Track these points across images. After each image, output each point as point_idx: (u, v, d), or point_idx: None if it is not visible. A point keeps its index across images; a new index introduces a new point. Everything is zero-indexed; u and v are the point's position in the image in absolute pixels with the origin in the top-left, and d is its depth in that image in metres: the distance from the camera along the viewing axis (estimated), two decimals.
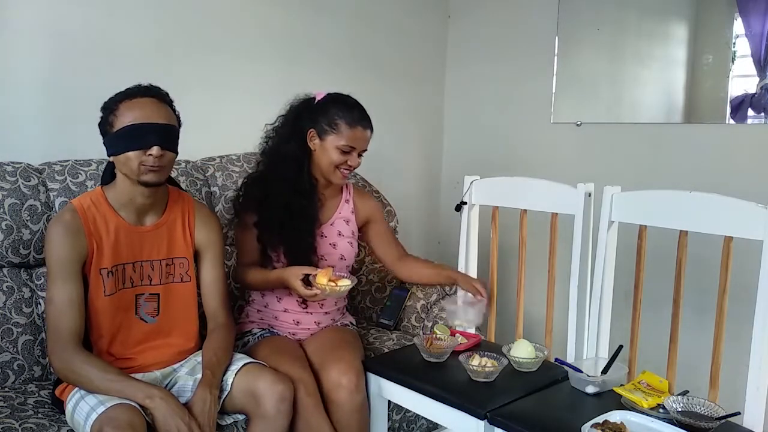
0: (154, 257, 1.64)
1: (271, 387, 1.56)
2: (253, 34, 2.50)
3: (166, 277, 1.66)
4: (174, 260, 1.67)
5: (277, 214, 1.84)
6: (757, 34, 2.25)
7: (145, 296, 1.64)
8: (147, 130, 1.51)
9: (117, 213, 1.58)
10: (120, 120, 1.51)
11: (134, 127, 1.50)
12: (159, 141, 1.51)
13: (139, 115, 1.51)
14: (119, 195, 1.58)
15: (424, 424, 2.14)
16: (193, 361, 1.67)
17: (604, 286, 1.74)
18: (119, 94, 1.56)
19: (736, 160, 2.27)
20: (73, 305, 1.51)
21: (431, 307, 2.25)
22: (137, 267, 1.62)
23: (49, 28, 2.03)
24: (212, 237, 1.73)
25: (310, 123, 1.87)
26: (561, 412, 1.53)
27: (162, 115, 1.54)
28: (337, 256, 1.96)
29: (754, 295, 1.44)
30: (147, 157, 1.50)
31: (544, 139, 2.83)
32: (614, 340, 1.73)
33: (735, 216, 1.49)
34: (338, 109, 1.86)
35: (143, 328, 1.63)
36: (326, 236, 1.95)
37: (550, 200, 1.86)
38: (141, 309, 1.63)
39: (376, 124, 1.94)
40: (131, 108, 1.52)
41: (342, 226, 1.97)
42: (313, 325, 1.96)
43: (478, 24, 3.08)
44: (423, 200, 3.23)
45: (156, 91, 1.58)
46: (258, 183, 1.92)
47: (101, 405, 1.41)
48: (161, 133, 1.52)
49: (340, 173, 1.86)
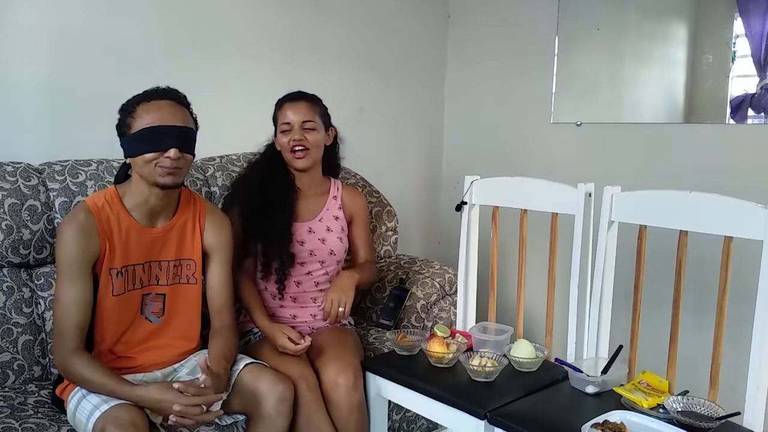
0: (163, 258, 1.64)
1: (271, 387, 1.57)
2: (253, 34, 2.51)
3: (174, 277, 1.66)
4: (182, 261, 1.67)
5: (253, 204, 1.91)
6: (757, 34, 2.25)
7: (152, 296, 1.64)
8: (164, 132, 1.51)
9: (129, 214, 1.58)
10: (137, 122, 1.52)
11: (152, 129, 1.51)
12: (176, 143, 1.51)
13: (156, 117, 1.51)
14: (133, 195, 1.58)
15: (424, 424, 2.14)
16: (193, 361, 1.68)
17: (604, 286, 1.74)
18: (137, 96, 1.56)
19: (736, 160, 2.27)
20: (78, 305, 1.51)
21: (431, 307, 2.25)
22: (146, 268, 1.62)
23: (49, 28, 2.03)
24: (222, 239, 1.73)
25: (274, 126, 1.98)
26: (561, 412, 1.53)
27: (179, 118, 1.55)
28: (327, 251, 1.98)
29: (754, 295, 1.44)
30: (164, 159, 1.51)
31: (544, 139, 2.83)
32: (614, 340, 1.73)
33: (735, 216, 1.49)
34: (276, 103, 1.97)
35: (147, 327, 1.64)
36: (314, 232, 1.97)
37: (550, 200, 1.86)
38: (146, 308, 1.64)
39: (377, 124, 1.94)
40: (149, 110, 1.52)
41: (331, 222, 2.00)
42: (310, 318, 1.98)
43: (478, 24, 3.08)
44: (423, 200, 3.23)
45: (174, 93, 1.58)
46: (240, 181, 2.03)
47: (104, 404, 1.41)
48: (178, 135, 1.53)
49: (292, 155, 1.91)
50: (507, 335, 1.87)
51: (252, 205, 1.91)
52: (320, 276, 1.99)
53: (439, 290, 2.29)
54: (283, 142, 1.91)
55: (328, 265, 1.99)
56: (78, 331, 1.51)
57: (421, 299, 2.24)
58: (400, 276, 2.34)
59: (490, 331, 1.91)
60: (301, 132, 1.89)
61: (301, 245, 1.94)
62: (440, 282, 2.30)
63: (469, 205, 2.03)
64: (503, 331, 1.89)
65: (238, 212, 1.91)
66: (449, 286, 2.31)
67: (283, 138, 1.91)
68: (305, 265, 1.95)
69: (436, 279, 2.31)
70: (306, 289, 1.97)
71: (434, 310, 2.26)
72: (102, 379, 1.46)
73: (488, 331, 1.91)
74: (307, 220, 1.98)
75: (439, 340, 1.78)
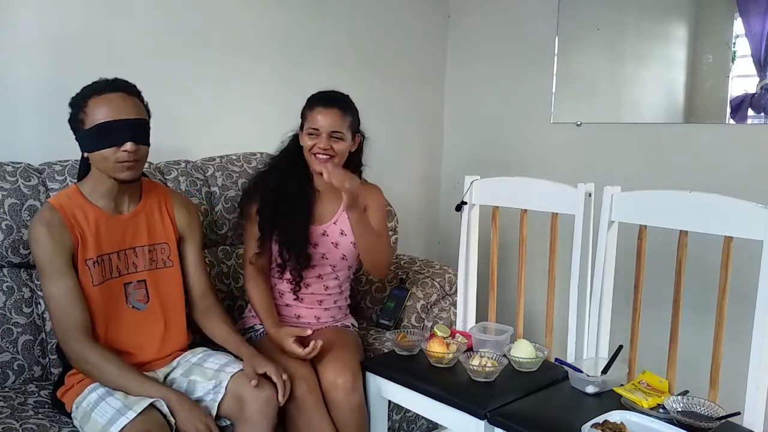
0: (137, 244, 1.66)
1: (255, 392, 1.56)
2: (253, 34, 2.50)
3: (150, 263, 1.68)
4: (156, 246, 1.69)
5: (272, 202, 1.89)
6: (757, 34, 2.25)
7: (133, 284, 1.65)
8: (118, 127, 1.51)
9: (94, 205, 1.59)
10: (90, 117, 1.52)
11: (105, 124, 1.51)
12: (132, 137, 1.51)
13: (108, 112, 1.51)
14: (96, 187, 1.60)
15: (424, 424, 2.14)
16: (186, 364, 1.67)
17: (604, 286, 1.74)
18: (85, 89, 1.55)
19: (736, 160, 2.27)
20: (73, 297, 1.52)
21: (431, 307, 2.25)
22: (122, 256, 1.63)
23: (49, 28, 2.02)
24: (193, 220, 1.78)
25: (301, 121, 1.93)
26: (561, 412, 1.53)
27: (132, 110, 1.54)
28: (339, 255, 1.96)
29: (754, 295, 1.44)
30: (121, 153, 1.51)
31: (544, 139, 2.83)
32: (614, 340, 1.73)
33: (735, 216, 1.49)
34: (308, 99, 1.92)
35: (136, 315, 1.65)
36: (328, 235, 1.96)
37: (550, 200, 1.86)
38: (131, 297, 1.64)
39: (377, 124, 1.94)
40: (100, 104, 1.51)
41: (345, 225, 1.96)
42: (313, 320, 1.97)
43: (478, 24, 3.08)
44: (423, 200, 3.23)
45: (123, 84, 1.57)
46: (260, 177, 1.99)
47: (129, 410, 1.40)
48: (133, 128, 1.53)
49: (315, 158, 1.87)
50: (507, 335, 1.87)
51: (271, 201, 1.89)
52: (331, 280, 1.98)
53: (439, 290, 2.29)
54: (308, 145, 1.87)
55: (339, 269, 1.98)
56: (83, 321, 1.52)
57: (421, 299, 2.24)
58: (400, 276, 2.34)
59: (490, 331, 1.91)
60: (327, 141, 1.84)
61: (314, 248, 1.93)
62: (440, 282, 2.30)
63: (469, 205, 2.03)
64: (503, 331, 1.89)
65: (256, 208, 1.91)
66: (449, 286, 2.31)
67: (308, 141, 1.86)
68: (316, 268, 1.94)
69: (436, 279, 2.31)
70: (314, 291, 1.97)
71: (434, 310, 2.26)
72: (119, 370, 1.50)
73: (488, 331, 1.91)
74: (323, 223, 1.95)
75: (439, 340, 1.78)
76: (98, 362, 1.50)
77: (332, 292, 2.00)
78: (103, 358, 1.51)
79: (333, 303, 2.01)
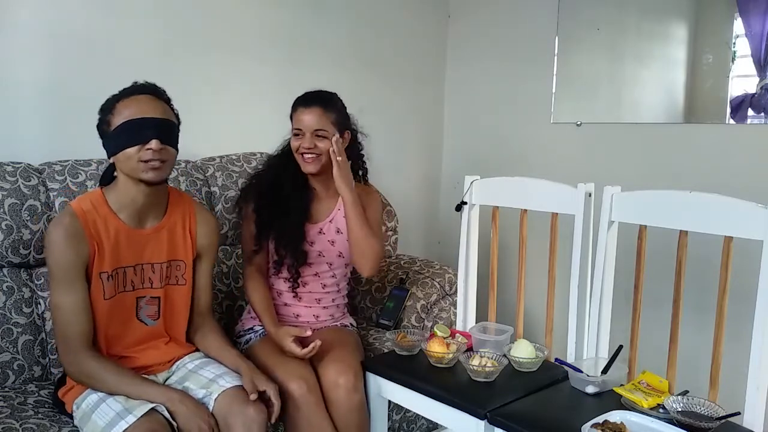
0: (155, 260, 1.63)
1: (240, 408, 1.52)
2: (253, 34, 2.50)
3: (165, 279, 1.66)
4: (172, 263, 1.67)
5: (268, 200, 1.91)
6: (757, 34, 2.25)
7: (147, 299, 1.63)
8: (144, 124, 1.49)
9: (117, 216, 1.56)
10: (117, 118, 1.50)
11: (131, 122, 1.48)
12: (157, 135, 1.49)
13: (135, 110, 1.49)
14: (120, 196, 1.56)
15: (424, 424, 2.14)
16: (183, 370, 1.66)
17: (604, 286, 1.74)
18: (116, 94, 1.54)
19: (736, 160, 2.27)
20: (81, 310, 1.50)
21: (431, 307, 2.25)
22: (138, 270, 1.61)
23: (49, 28, 2.02)
24: (212, 239, 1.75)
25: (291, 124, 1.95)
26: (561, 412, 1.53)
27: (159, 110, 1.52)
28: (336, 253, 1.97)
29: (754, 295, 1.44)
30: (146, 152, 1.48)
31: (544, 139, 2.83)
32: (614, 340, 1.73)
33: (735, 216, 1.49)
34: (293, 102, 1.92)
35: (143, 329, 1.63)
36: (325, 233, 1.97)
37: (550, 200, 1.86)
38: (142, 311, 1.63)
39: (377, 124, 1.94)
40: (128, 105, 1.50)
41: (341, 223, 1.97)
42: (312, 319, 1.98)
43: (478, 24, 3.08)
44: (423, 200, 3.23)
45: (153, 88, 1.56)
46: (257, 177, 2.02)
47: (128, 413, 1.39)
48: (159, 127, 1.50)
49: (302, 158, 1.88)
50: (507, 335, 1.87)
51: (267, 200, 1.91)
52: (328, 278, 1.99)
53: (439, 290, 2.29)
54: (294, 146, 1.88)
55: (336, 267, 1.99)
56: (85, 335, 1.50)
57: (421, 299, 2.24)
58: (400, 276, 2.34)
59: (490, 331, 1.91)
60: (311, 139, 1.84)
61: (310, 246, 1.94)
62: (440, 282, 2.31)
63: (469, 205, 2.03)
64: (503, 331, 1.89)
65: (252, 206, 1.93)
66: (449, 286, 2.31)
67: (294, 142, 1.88)
68: (313, 266, 1.95)
69: (436, 279, 2.31)
70: (312, 290, 1.97)
71: (434, 310, 2.26)
72: (118, 376, 1.48)
73: (488, 331, 1.91)
74: (318, 222, 1.97)
75: (439, 340, 1.78)
76: (96, 372, 1.48)
77: (330, 290, 2.00)
78: (102, 368, 1.49)
79: (331, 301, 2.02)
